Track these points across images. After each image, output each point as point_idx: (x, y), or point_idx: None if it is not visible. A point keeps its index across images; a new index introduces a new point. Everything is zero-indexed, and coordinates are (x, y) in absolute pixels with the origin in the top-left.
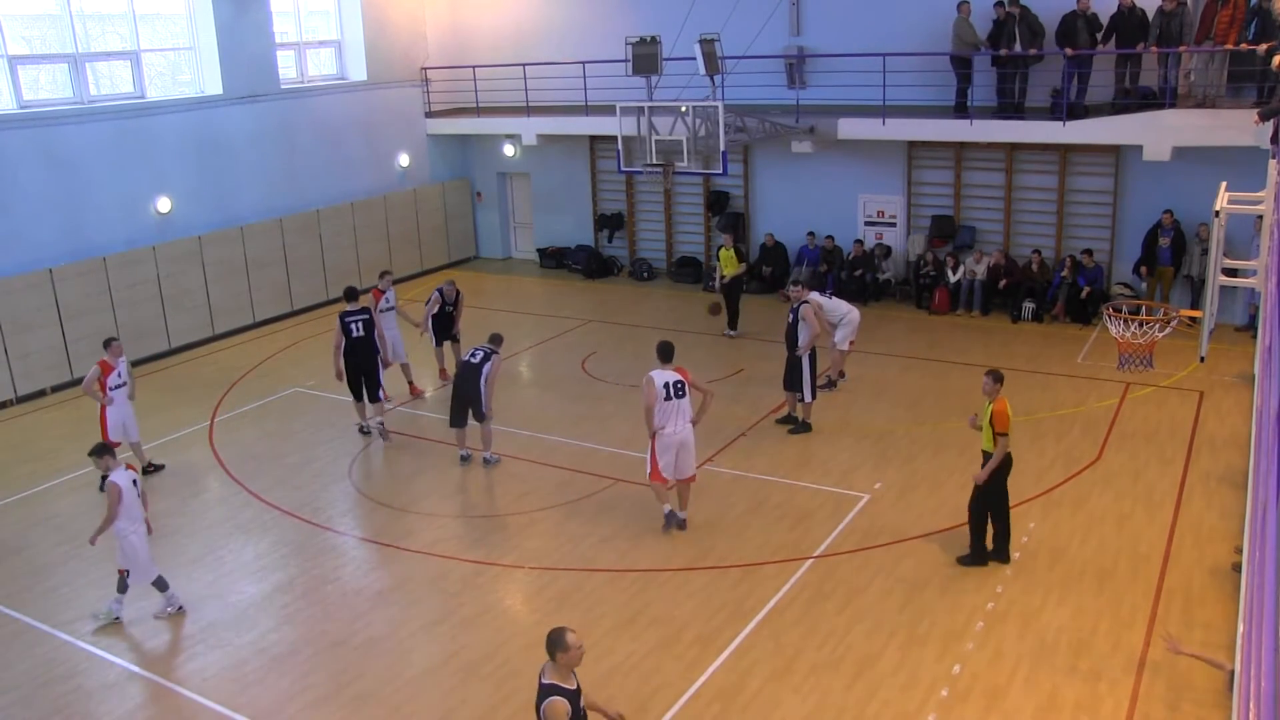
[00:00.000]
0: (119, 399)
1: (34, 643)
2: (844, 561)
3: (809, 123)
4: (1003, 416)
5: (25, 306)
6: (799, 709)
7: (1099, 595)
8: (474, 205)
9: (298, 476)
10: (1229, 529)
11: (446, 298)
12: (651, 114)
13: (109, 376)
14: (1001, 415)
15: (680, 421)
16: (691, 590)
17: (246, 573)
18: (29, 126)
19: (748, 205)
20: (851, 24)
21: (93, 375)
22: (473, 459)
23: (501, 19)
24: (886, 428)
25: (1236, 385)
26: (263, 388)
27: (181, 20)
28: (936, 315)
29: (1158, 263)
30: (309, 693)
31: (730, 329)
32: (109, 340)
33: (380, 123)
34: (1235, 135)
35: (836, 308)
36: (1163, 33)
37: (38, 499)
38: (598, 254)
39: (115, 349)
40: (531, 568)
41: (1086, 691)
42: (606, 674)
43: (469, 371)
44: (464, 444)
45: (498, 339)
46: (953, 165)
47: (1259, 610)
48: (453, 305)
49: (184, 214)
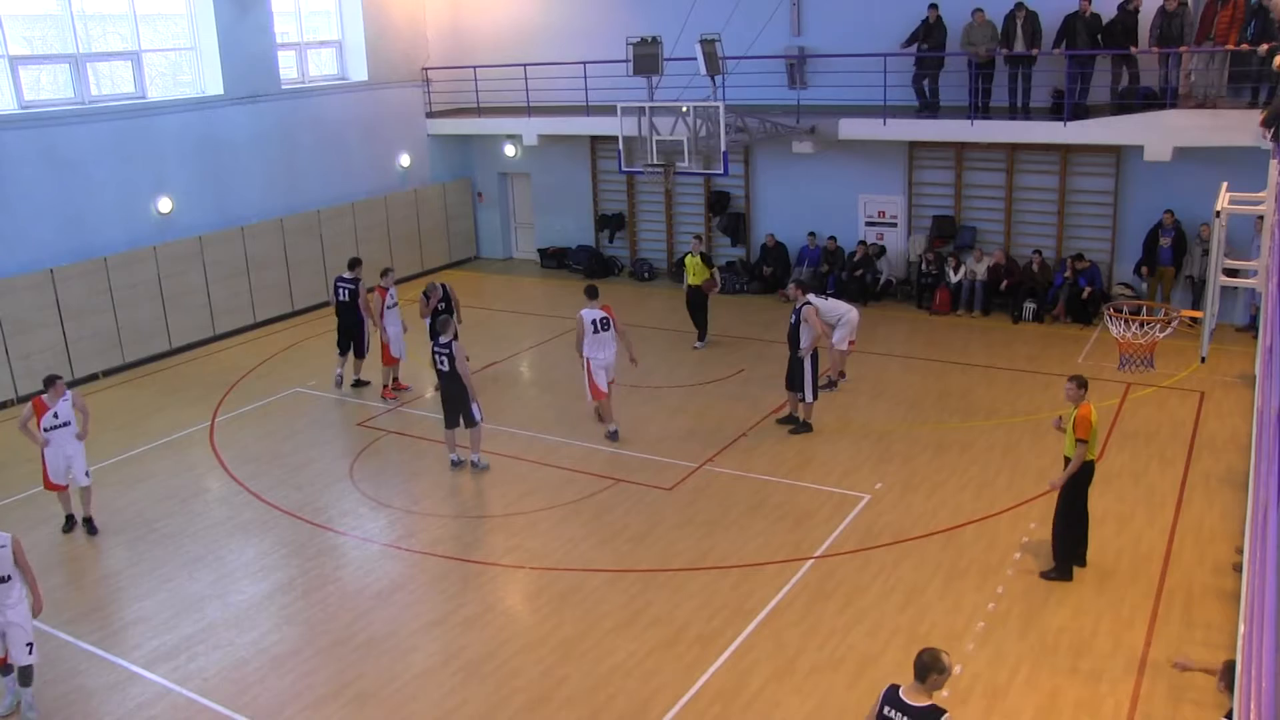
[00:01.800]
0: (58, 439)
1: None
2: (845, 562)
3: (810, 123)
4: (1085, 422)
5: (26, 306)
6: (799, 709)
7: (1100, 595)
8: (475, 205)
9: (298, 477)
10: (1230, 529)
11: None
12: (652, 114)
13: (43, 417)
14: (1084, 421)
15: (606, 350)
16: (692, 590)
17: (247, 573)
18: (30, 127)
19: (748, 205)
20: (852, 24)
21: (25, 415)
22: (465, 464)
23: (502, 19)
24: (887, 428)
25: (1237, 386)
26: (263, 388)
27: (182, 20)
28: (937, 315)
29: (1159, 263)
30: (309, 693)
31: (698, 341)
32: (51, 379)
33: (381, 123)
34: (1236, 135)
35: (835, 308)
36: (1164, 33)
37: (38, 499)
38: (599, 254)
39: (57, 389)
40: (532, 568)
41: (1087, 692)
42: (607, 674)
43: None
44: (454, 447)
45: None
46: (953, 165)
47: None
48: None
49: (185, 214)
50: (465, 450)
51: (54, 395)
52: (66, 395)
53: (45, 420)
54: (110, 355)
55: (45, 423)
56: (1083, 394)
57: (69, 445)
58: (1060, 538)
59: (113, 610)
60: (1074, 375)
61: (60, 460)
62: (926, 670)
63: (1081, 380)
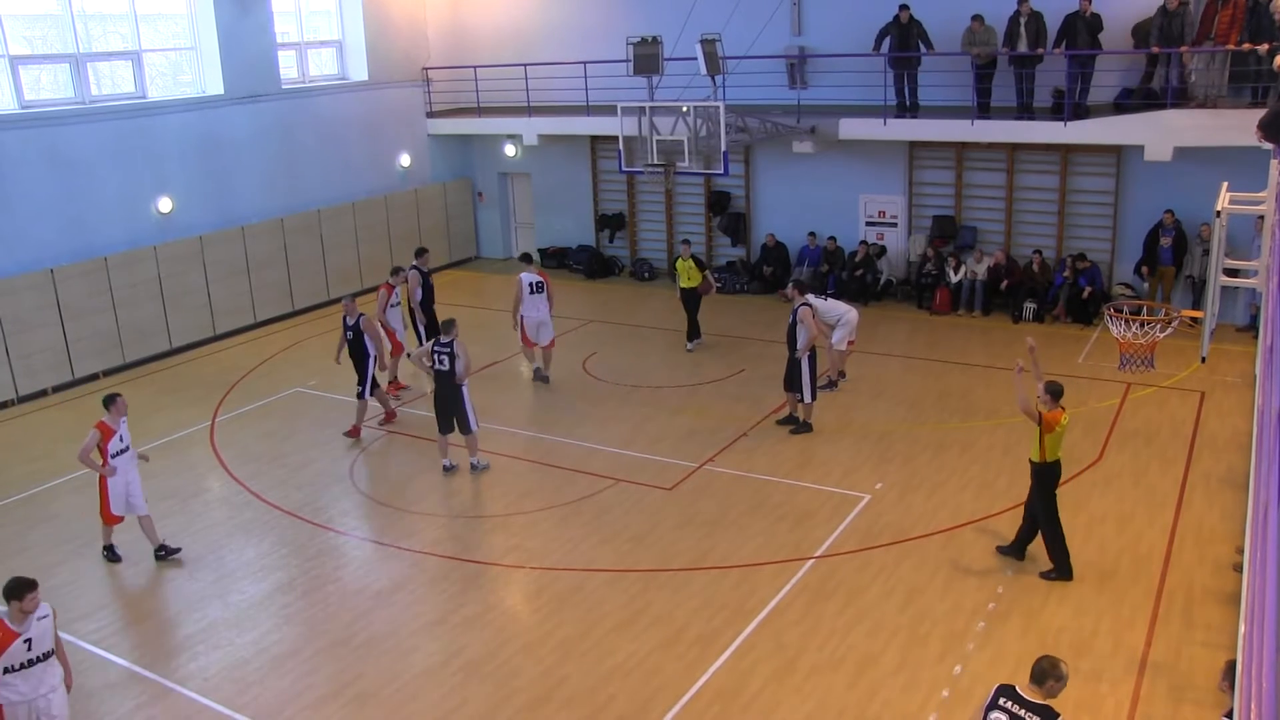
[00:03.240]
0: (122, 466)
1: None
2: (845, 562)
3: (810, 123)
4: (1049, 424)
5: (26, 306)
6: (800, 709)
7: (1100, 595)
8: (475, 205)
9: (299, 476)
10: (1230, 529)
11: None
12: (653, 114)
13: (109, 441)
14: (1049, 422)
15: (539, 309)
16: (692, 590)
17: (247, 572)
18: (30, 126)
19: (749, 205)
20: (853, 24)
21: (90, 441)
22: (458, 469)
23: (503, 19)
24: (887, 428)
25: (1238, 385)
26: (264, 388)
27: (183, 20)
28: (937, 315)
29: (1159, 263)
30: (309, 693)
31: (690, 341)
32: (111, 397)
33: (381, 123)
34: (1236, 135)
35: (834, 308)
36: (1164, 33)
37: (38, 499)
38: (599, 254)
39: (119, 407)
40: (532, 568)
41: (1088, 692)
42: (607, 674)
43: (442, 379)
44: (445, 453)
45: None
46: (954, 165)
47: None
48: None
49: (185, 214)
50: (459, 452)
51: (115, 415)
52: (125, 415)
53: (111, 445)
54: (110, 355)
55: (111, 448)
56: (1049, 400)
57: (131, 471)
58: (1049, 541)
59: (113, 610)
60: (1049, 383)
61: (122, 489)
62: (1045, 675)
63: (1054, 388)
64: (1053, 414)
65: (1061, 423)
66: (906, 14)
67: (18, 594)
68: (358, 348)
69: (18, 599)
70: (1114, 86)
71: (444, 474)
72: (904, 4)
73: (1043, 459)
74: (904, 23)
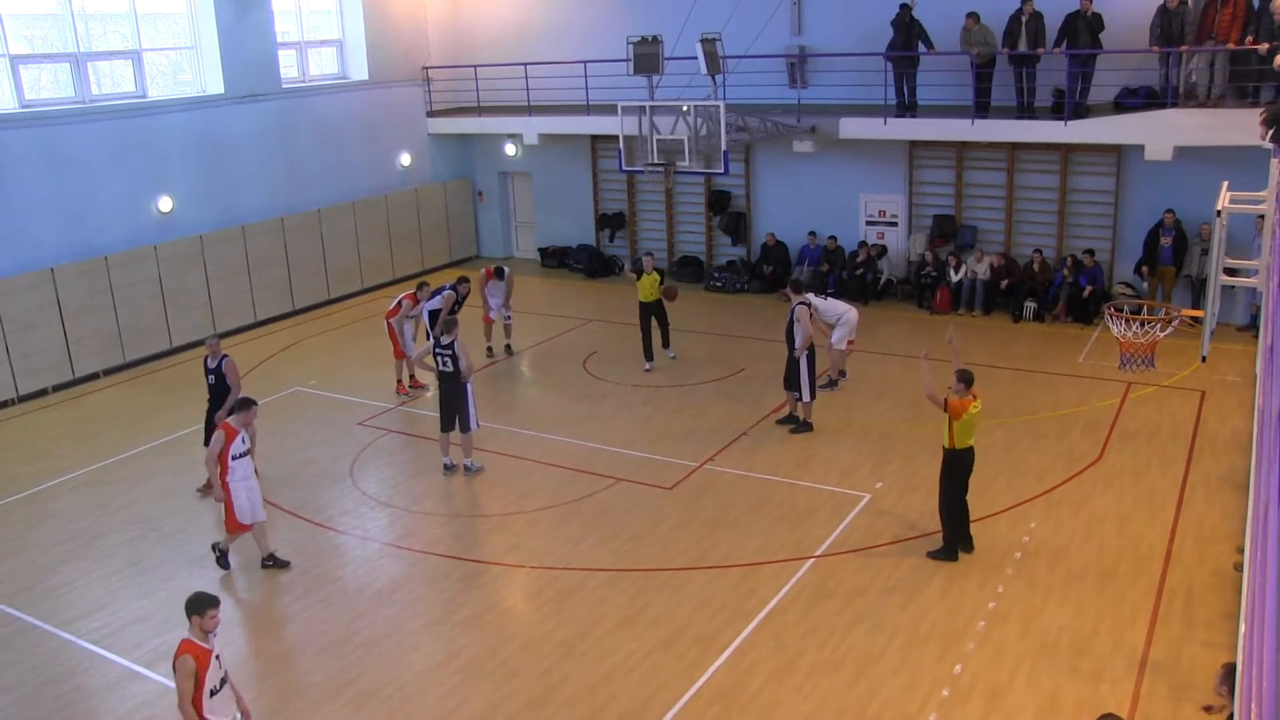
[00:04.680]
0: (241, 471)
1: (35, 642)
2: (845, 561)
3: (810, 122)
4: (956, 410)
5: (27, 305)
6: (800, 709)
7: (1100, 595)
8: (475, 205)
9: (298, 476)
10: (1230, 529)
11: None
12: (653, 113)
13: (232, 443)
14: (955, 409)
15: (496, 296)
16: (692, 590)
17: (247, 572)
18: (31, 126)
19: (749, 205)
20: (853, 24)
21: (216, 445)
22: (458, 469)
23: (503, 18)
24: (887, 428)
25: (1238, 385)
26: (264, 387)
27: (183, 19)
28: (938, 315)
29: (1159, 262)
30: (309, 693)
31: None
32: (247, 402)
33: (382, 122)
34: (1237, 135)
35: (833, 308)
36: (1165, 32)
37: (39, 499)
38: (599, 253)
39: (250, 414)
40: (532, 567)
41: (1088, 691)
42: (607, 674)
43: (447, 379)
44: (446, 451)
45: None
46: (954, 165)
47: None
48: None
49: (185, 213)
50: (459, 451)
51: (246, 420)
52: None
53: (234, 447)
54: (111, 354)
55: (234, 449)
56: (962, 387)
57: (251, 477)
58: (945, 521)
59: (113, 609)
60: (960, 370)
61: (244, 493)
62: None
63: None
64: (961, 401)
65: (970, 410)
66: (907, 13)
67: (199, 609)
68: (219, 391)
69: (199, 614)
70: (1115, 86)
71: (444, 473)
72: (905, 3)
73: (952, 445)
74: (907, 21)
